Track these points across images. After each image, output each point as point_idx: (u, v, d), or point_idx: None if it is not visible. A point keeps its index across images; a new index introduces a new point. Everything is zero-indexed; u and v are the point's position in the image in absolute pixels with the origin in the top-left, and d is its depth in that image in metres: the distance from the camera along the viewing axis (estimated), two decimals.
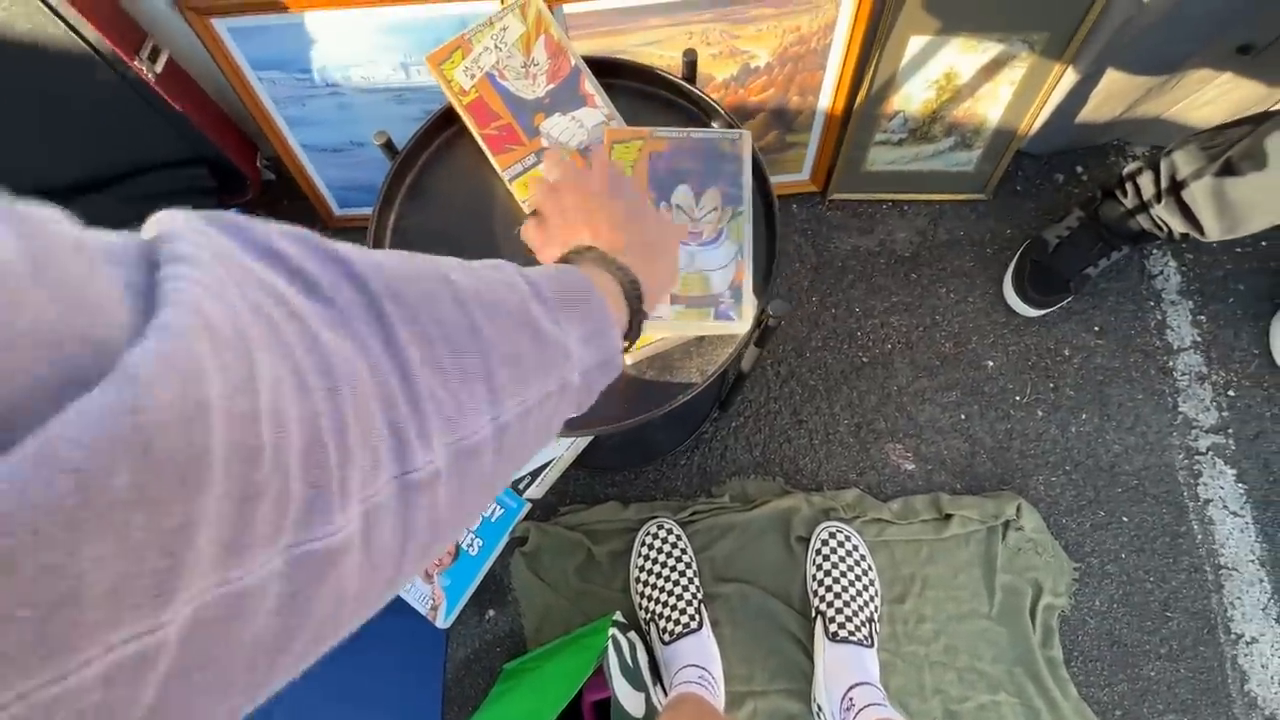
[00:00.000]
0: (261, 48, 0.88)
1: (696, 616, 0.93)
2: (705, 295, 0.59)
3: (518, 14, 0.62)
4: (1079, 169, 1.15)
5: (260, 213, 0.82)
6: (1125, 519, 1.01)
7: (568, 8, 0.83)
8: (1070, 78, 0.95)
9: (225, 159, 1.02)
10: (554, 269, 0.34)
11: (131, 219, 0.78)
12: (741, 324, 0.57)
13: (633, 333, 0.39)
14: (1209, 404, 1.05)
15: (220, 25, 0.85)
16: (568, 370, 0.30)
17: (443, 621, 0.98)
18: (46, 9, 0.77)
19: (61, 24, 0.79)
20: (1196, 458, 1.03)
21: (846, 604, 0.93)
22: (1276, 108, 0.97)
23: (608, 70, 0.66)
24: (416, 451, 0.22)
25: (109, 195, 1.01)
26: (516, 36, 0.62)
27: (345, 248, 0.23)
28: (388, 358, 0.22)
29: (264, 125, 0.98)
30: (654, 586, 0.96)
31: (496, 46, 0.62)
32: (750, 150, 0.61)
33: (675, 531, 0.99)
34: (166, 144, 0.97)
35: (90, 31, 0.79)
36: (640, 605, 0.97)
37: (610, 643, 0.82)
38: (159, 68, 0.86)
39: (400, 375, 0.22)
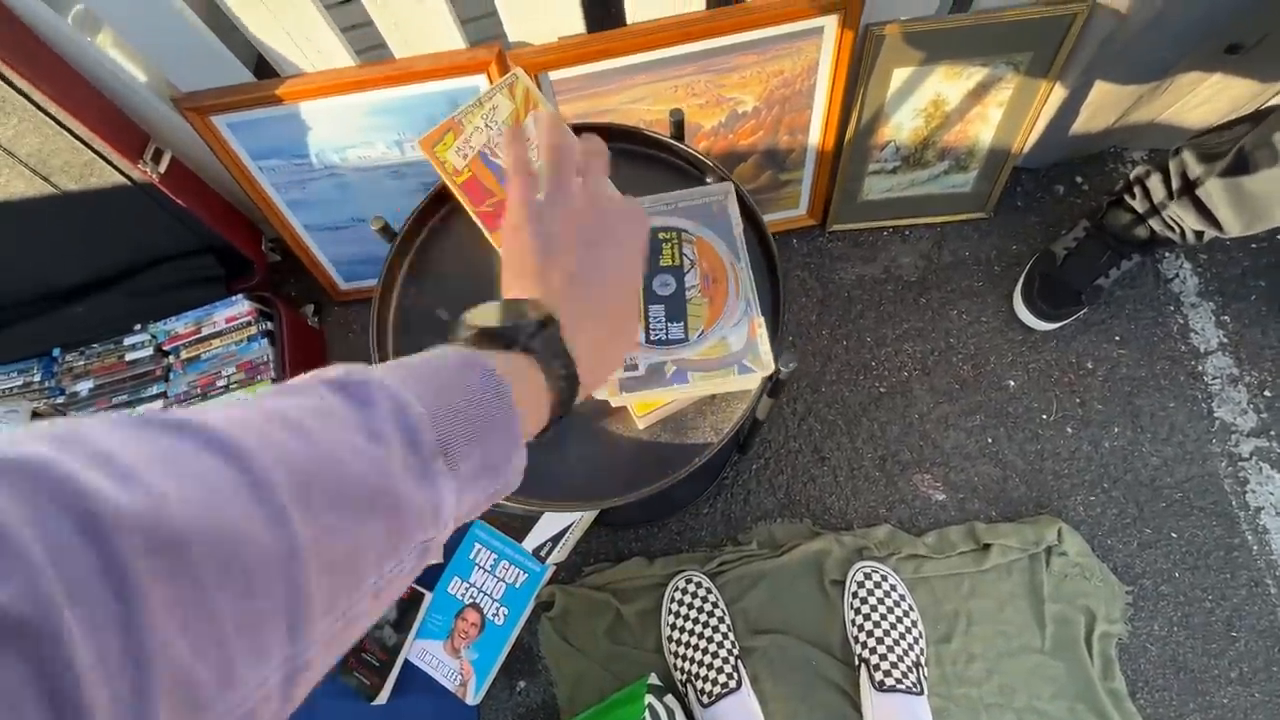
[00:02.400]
0: (260, 138, 0.91)
1: (735, 674, 0.90)
2: (725, 356, 0.58)
3: (506, 93, 0.62)
4: (1079, 179, 1.14)
5: (269, 294, 0.83)
6: (1174, 535, 0.97)
7: (554, 74, 0.85)
8: (1059, 93, 0.95)
9: (231, 246, 1.04)
10: (449, 372, 0.28)
11: (144, 312, 0.80)
12: (763, 371, 0.56)
13: (547, 431, 0.34)
14: (1245, 406, 1.01)
15: (219, 121, 0.88)
16: (432, 530, 0.26)
17: (473, 698, 0.95)
18: (53, 123, 0.79)
19: (68, 135, 0.81)
20: (1240, 464, 0.99)
21: (890, 649, 0.89)
22: (1275, 101, 0.96)
23: (598, 134, 0.67)
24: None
25: (122, 291, 1.03)
26: (506, 114, 0.63)
27: (99, 475, 0.18)
28: (114, 649, 0.17)
29: (266, 210, 1.00)
30: (688, 645, 0.92)
31: (487, 125, 0.63)
32: (735, 205, 0.61)
33: (705, 584, 0.96)
34: (174, 237, 0.99)
35: (96, 141, 0.82)
36: (675, 665, 0.93)
37: (648, 713, 0.79)
38: (163, 168, 0.89)
39: (130, 668, 0.17)
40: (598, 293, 0.37)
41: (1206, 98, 0.98)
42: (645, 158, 0.69)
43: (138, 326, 1.04)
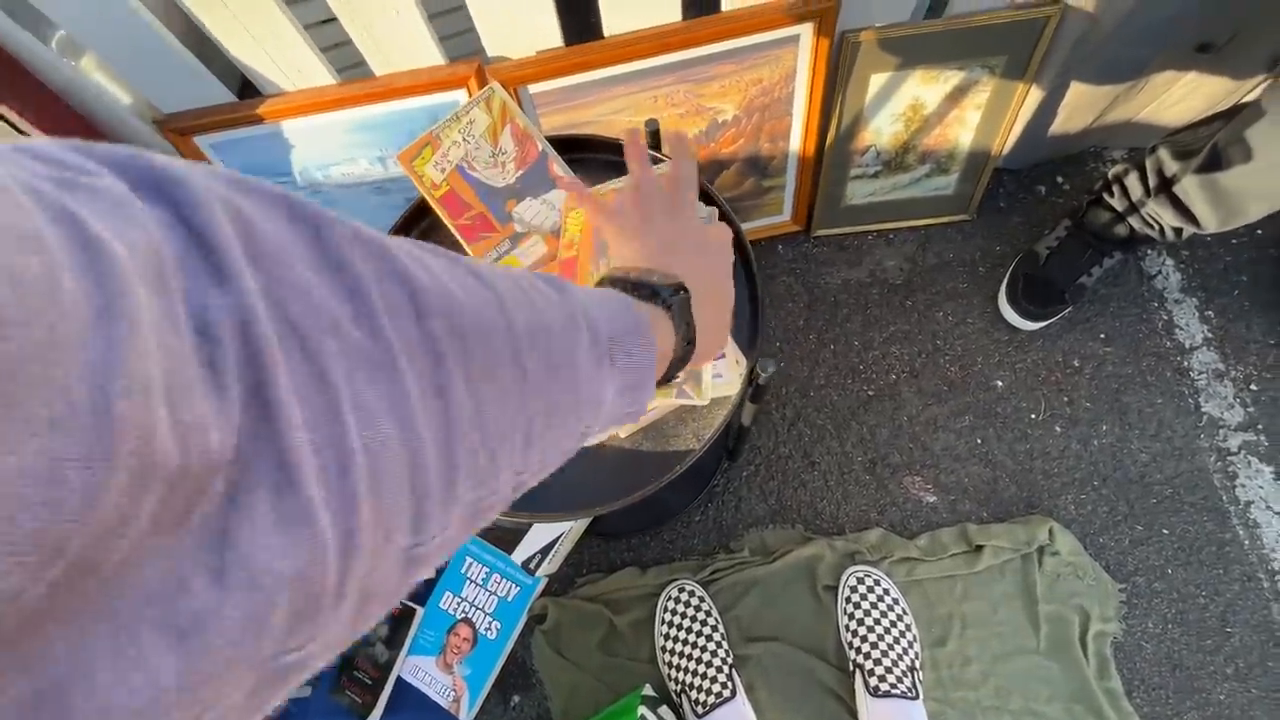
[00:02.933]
0: (243, 157, 0.91)
1: (729, 683, 0.89)
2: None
3: (483, 107, 0.63)
4: (1060, 179, 1.14)
5: None
6: (1165, 531, 0.97)
7: (533, 87, 0.86)
8: (1036, 95, 0.96)
9: None
10: (624, 304, 0.32)
11: None
12: (700, 401, 0.56)
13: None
14: (1232, 401, 1.01)
15: (202, 142, 0.88)
16: (593, 420, 0.29)
17: (466, 714, 0.94)
18: None
19: None
20: (1229, 458, 0.99)
21: (885, 653, 0.88)
22: (1248, 99, 0.98)
23: (575, 146, 0.68)
24: (433, 521, 0.21)
25: None
26: (483, 128, 0.63)
27: (416, 265, 0.21)
28: (435, 414, 0.20)
29: None
30: (681, 655, 0.92)
31: (465, 139, 0.63)
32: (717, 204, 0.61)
33: (697, 593, 0.95)
34: None
35: None
36: (669, 676, 0.93)
37: None
38: None
39: (443, 438, 0.20)
40: (707, 283, 0.41)
41: (1181, 96, 0.99)
42: (624, 167, 0.69)
43: None
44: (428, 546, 0.21)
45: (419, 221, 0.67)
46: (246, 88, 0.86)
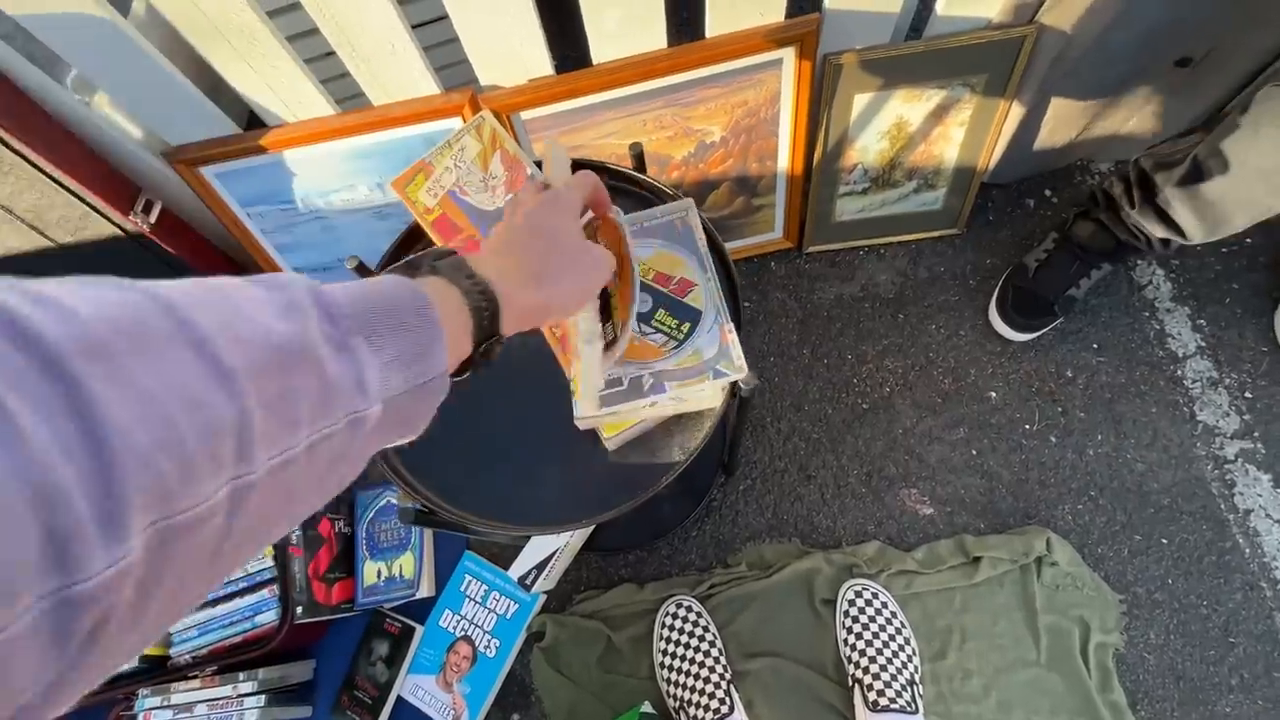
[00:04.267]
0: (247, 186, 0.94)
1: (727, 700, 0.89)
2: (700, 364, 0.59)
3: (474, 134, 0.65)
4: (1048, 192, 1.16)
5: None
6: (1164, 541, 0.96)
7: (525, 114, 0.89)
8: (1018, 111, 0.98)
9: None
10: (373, 282, 0.32)
11: None
12: (737, 375, 0.57)
13: (488, 351, 0.37)
14: (1228, 409, 1.01)
15: (208, 172, 0.92)
16: (359, 402, 0.27)
17: None
18: (47, 179, 0.83)
19: (63, 190, 0.85)
20: (1226, 466, 0.99)
21: (884, 667, 0.88)
22: (1225, 112, 0.99)
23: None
24: (95, 551, 0.18)
25: None
26: (474, 154, 0.65)
27: (19, 296, 0.20)
28: (73, 437, 0.18)
29: (256, 255, 1.04)
30: (680, 671, 0.92)
31: (456, 165, 0.65)
32: (697, 220, 0.63)
33: (695, 609, 0.95)
34: None
35: (90, 196, 0.86)
36: (668, 693, 0.93)
37: None
38: (153, 218, 0.92)
39: (89, 450, 0.18)
40: (536, 245, 0.42)
41: (1162, 109, 1.01)
42: (615, 191, 0.71)
43: None
44: (94, 583, 0.18)
45: (413, 245, 0.70)
46: (254, 119, 0.89)
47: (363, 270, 0.69)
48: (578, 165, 0.71)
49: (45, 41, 0.74)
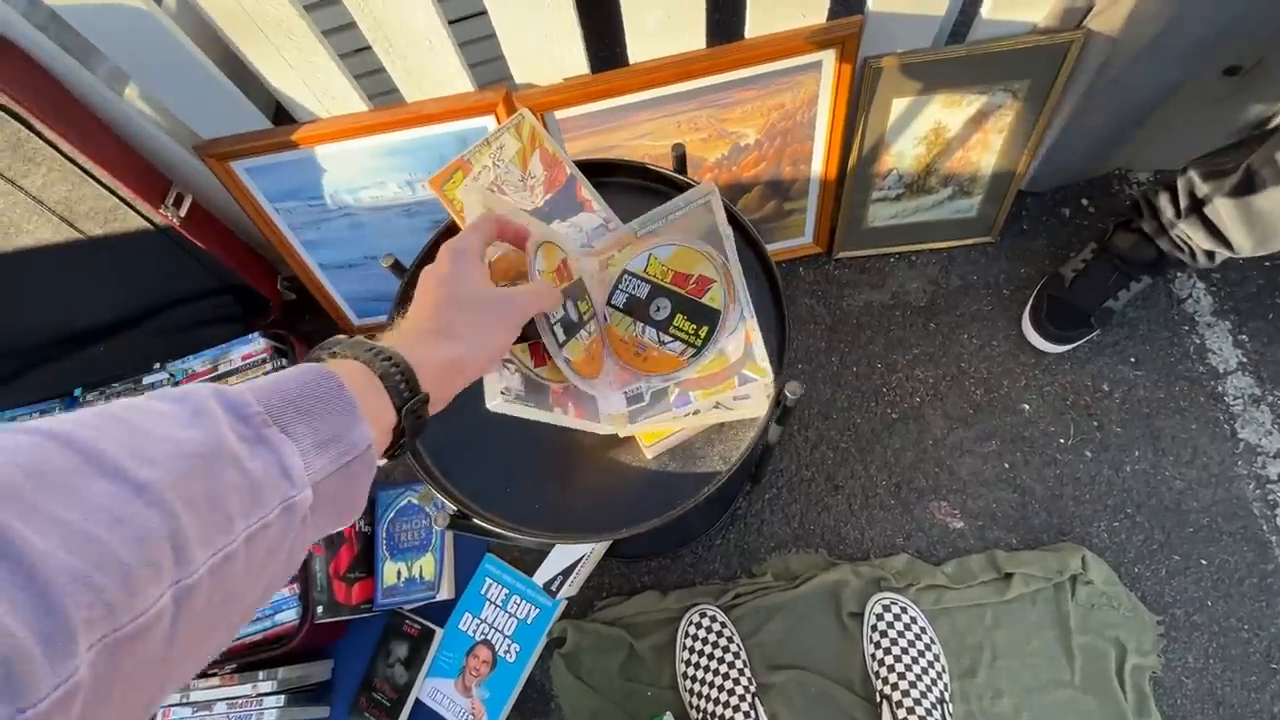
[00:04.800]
0: (277, 182, 0.94)
1: (752, 712, 0.87)
2: (725, 369, 0.57)
3: (513, 132, 0.64)
4: (1085, 202, 1.14)
5: (284, 331, 0.84)
6: (1204, 562, 0.94)
7: (560, 113, 0.88)
8: (1060, 118, 0.96)
9: (248, 286, 1.06)
10: (278, 374, 0.32)
11: (164, 350, 0.82)
12: (762, 377, 0.55)
13: (416, 420, 0.37)
14: (1270, 427, 0.98)
15: (238, 167, 0.91)
16: (288, 489, 0.28)
17: None
18: (78, 170, 0.83)
19: (94, 183, 0.85)
20: (1269, 486, 0.96)
21: (913, 684, 0.86)
22: (1278, 122, 0.97)
23: (602, 169, 0.69)
24: (40, 672, 0.19)
25: (143, 330, 1.05)
26: (513, 153, 0.64)
27: None
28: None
29: (283, 251, 1.03)
30: (703, 682, 0.90)
31: (495, 164, 0.64)
32: (720, 207, 0.61)
33: (719, 619, 0.94)
34: (194, 278, 1.02)
35: (121, 188, 0.85)
36: (690, 704, 0.91)
37: None
38: (183, 212, 0.92)
39: (18, 583, 0.19)
40: (445, 309, 0.42)
41: (1210, 119, 0.99)
42: (649, 190, 0.70)
43: (157, 365, 1.06)
44: (48, 703, 0.19)
45: None
46: (281, 113, 0.88)
47: (398, 269, 0.68)
48: (613, 165, 0.70)
49: (81, 30, 0.74)
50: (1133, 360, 1.04)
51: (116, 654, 0.21)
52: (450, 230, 0.68)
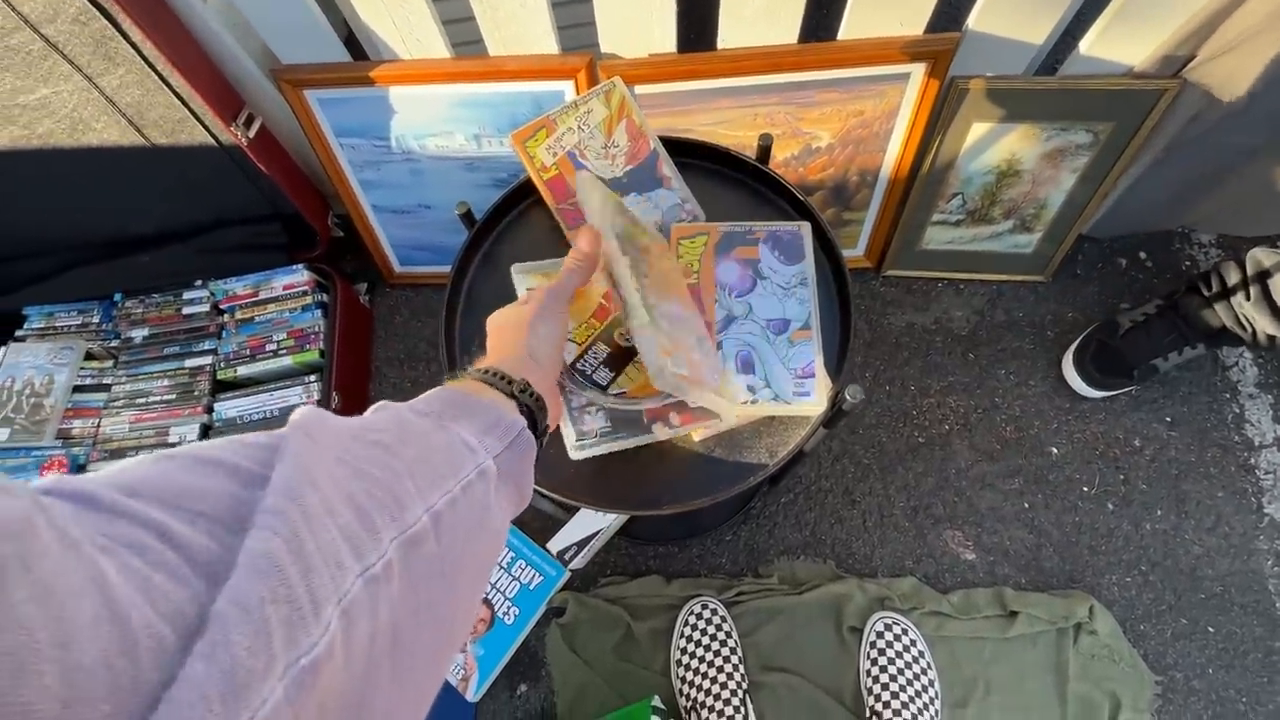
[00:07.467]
0: (346, 117, 0.94)
1: (741, 708, 0.88)
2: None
3: (602, 98, 0.64)
4: (1143, 254, 1.12)
5: (328, 267, 0.84)
6: (1211, 629, 0.93)
7: (640, 88, 0.87)
8: (1137, 167, 0.94)
9: (299, 217, 1.06)
10: (415, 400, 0.36)
11: (207, 269, 0.82)
12: (818, 403, 0.56)
13: (545, 423, 0.41)
14: None
15: (311, 96, 0.91)
16: (478, 458, 0.33)
17: (473, 694, 0.94)
18: (156, 76, 0.83)
19: (169, 91, 0.85)
20: None
21: (905, 705, 0.86)
22: None
23: (684, 149, 0.68)
24: (369, 548, 0.24)
25: (190, 246, 1.06)
26: (600, 119, 0.64)
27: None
28: (338, 475, 0.26)
29: (340, 186, 1.03)
30: (696, 672, 0.90)
31: (580, 128, 0.64)
32: (810, 242, 0.62)
33: (720, 613, 0.94)
34: (248, 202, 1.02)
35: (195, 100, 0.85)
36: (681, 691, 0.91)
37: None
38: (252, 133, 0.92)
39: (345, 494, 0.25)
40: (520, 344, 0.45)
41: None
42: (725, 177, 0.69)
43: (198, 282, 1.07)
44: (378, 566, 0.24)
45: (520, 200, 0.68)
46: (350, 45, 0.87)
47: (469, 218, 0.67)
48: (695, 146, 0.69)
49: None
50: (1168, 420, 1.03)
51: (408, 551, 0.26)
52: (524, 188, 0.68)
